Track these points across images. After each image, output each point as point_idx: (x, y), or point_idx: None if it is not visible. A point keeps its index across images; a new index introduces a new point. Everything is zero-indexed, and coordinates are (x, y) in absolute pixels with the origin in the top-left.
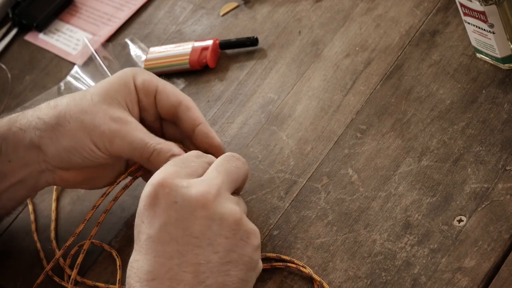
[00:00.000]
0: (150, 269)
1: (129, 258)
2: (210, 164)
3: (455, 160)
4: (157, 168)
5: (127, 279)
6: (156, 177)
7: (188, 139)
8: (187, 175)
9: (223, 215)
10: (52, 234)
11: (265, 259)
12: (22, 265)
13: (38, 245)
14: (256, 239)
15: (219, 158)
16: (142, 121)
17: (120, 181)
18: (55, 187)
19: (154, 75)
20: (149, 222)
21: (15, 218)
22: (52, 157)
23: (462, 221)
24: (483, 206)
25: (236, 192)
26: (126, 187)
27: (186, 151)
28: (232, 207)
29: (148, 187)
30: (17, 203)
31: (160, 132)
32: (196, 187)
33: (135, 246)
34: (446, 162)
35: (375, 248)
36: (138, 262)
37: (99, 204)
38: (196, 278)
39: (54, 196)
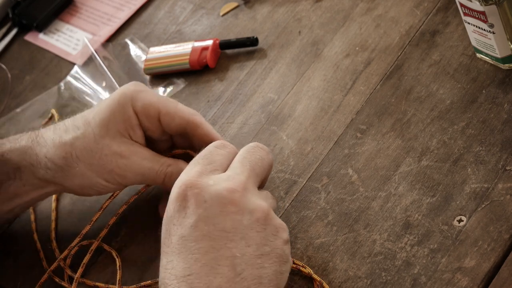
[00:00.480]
0: (186, 265)
1: (129, 258)
2: (234, 155)
3: (455, 160)
4: (171, 189)
5: (161, 281)
6: (183, 179)
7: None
8: (212, 171)
9: (252, 210)
10: (52, 234)
11: None
12: (22, 265)
13: (38, 245)
14: (285, 233)
15: (243, 149)
16: (149, 138)
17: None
18: None
19: (154, 94)
20: (180, 223)
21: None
22: (66, 188)
23: (462, 221)
24: (483, 206)
25: (262, 183)
26: (139, 192)
27: None
28: (260, 202)
29: (176, 190)
30: (26, 209)
31: (170, 142)
32: (223, 183)
33: (165, 249)
34: (446, 162)
35: (375, 248)
36: (172, 262)
37: (106, 206)
38: (233, 271)
39: (54, 197)
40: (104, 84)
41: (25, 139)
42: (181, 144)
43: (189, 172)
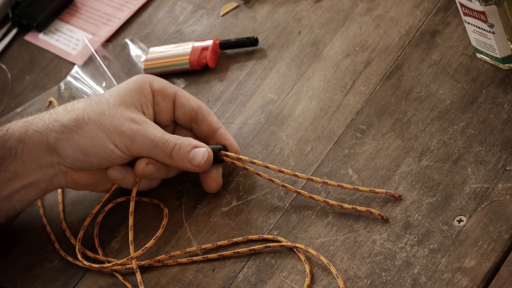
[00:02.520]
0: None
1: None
2: None
3: (455, 160)
4: (179, 163)
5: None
6: None
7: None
8: None
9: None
10: (61, 215)
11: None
12: (21, 265)
13: (48, 228)
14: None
15: None
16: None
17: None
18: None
19: (171, 83)
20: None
21: (15, 218)
22: (67, 159)
23: (462, 221)
24: (483, 206)
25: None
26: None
27: None
28: None
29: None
30: (27, 204)
31: (172, 132)
32: None
33: None
34: (446, 162)
35: (375, 248)
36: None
37: (115, 188)
38: None
39: (59, 190)
40: (104, 84)
41: (33, 113)
42: (181, 135)
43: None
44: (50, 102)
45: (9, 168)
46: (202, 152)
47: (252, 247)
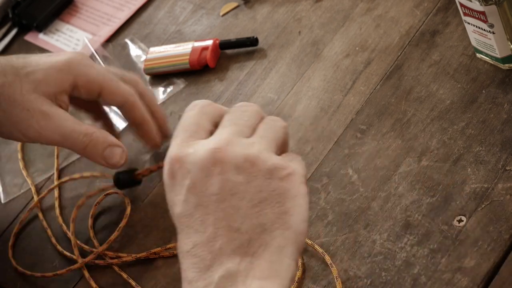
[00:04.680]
0: (188, 239)
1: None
2: (219, 113)
3: (455, 160)
4: (92, 159)
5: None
6: (168, 154)
7: None
8: (191, 137)
9: (236, 163)
10: (59, 214)
11: None
12: (22, 265)
13: (45, 223)
14: (282, 170)
15: (232, 109)
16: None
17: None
18: (55, 186)
19: (98, 69)
20: (174, 202)
21: (14, 218)
22: None
23: (462, 221)
24: (483, 206)
25: (283, 148)
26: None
27: None
28: (246, 151)
29: (165, 170)
30: None
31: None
32: (203, 147)
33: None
34: (446, 162)
35: (375, 248)
36: (179, 241)
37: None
38: (230, 229)
39: (56, 194)
40: None
41: None
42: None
43: (171, 149)
44: None
45: None
46: (119, 153)
47: None
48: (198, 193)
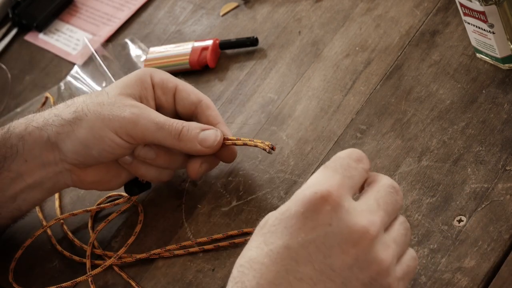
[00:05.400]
0: (274, 281)
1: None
2: (367, 171)
3: (455, 160)
4: (187, 146)
5: (238, 273)
6: (322, 183)
7: None
8: (350, 189)
9: (370, 262)
10: (59, 215)
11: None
12: (22, 265)
13: (44, 222)
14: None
15: (380, 184)
16: None
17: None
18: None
19: (172, 76)
20: (293, 231)
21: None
22: (68, 153)
23: (462, 221)
24: (483, 206)
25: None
26: (131, 201)
27: None
28: (384, 255)
29: (310, 194)
30: (32, 205)
31: None
32: (357, 218)
33: (263, 241)
34: (446, 162)
35: None
36: (263, 266)
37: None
38: None
39: (56, 195)
40: (104, 84)
41: (18, 112)
42: None
43: (330, 180)
44: (46, 98)
45: (12, 168)
46: (213, 133)
47: (248, 238)
48: (320, 253)
